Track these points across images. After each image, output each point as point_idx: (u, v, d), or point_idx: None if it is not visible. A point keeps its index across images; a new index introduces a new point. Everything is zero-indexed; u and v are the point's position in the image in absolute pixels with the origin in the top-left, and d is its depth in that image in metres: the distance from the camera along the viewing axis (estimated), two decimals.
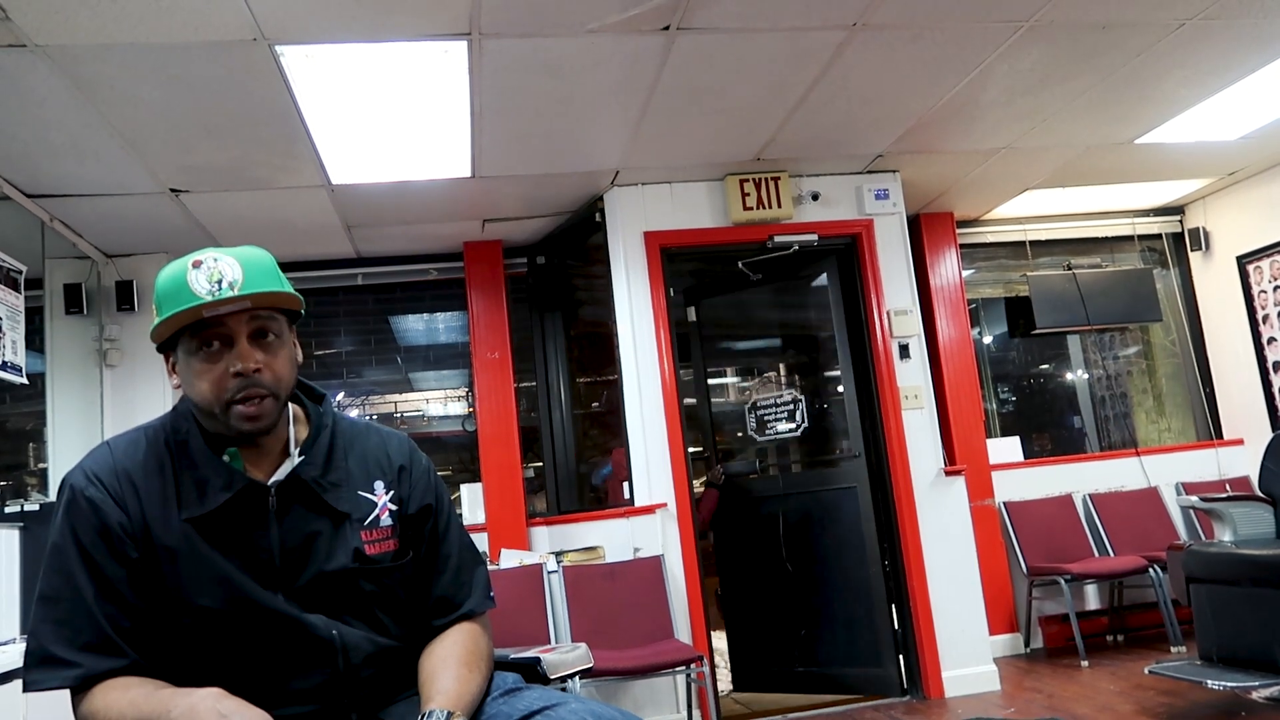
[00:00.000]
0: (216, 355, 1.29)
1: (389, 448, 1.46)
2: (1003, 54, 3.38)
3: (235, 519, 1.30)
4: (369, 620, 1.36)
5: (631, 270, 4.34)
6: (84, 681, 1.23)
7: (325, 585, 1.32)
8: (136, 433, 1.38)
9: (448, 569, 1.45)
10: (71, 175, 3.59)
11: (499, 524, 4.46)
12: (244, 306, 1.28)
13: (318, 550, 1.33)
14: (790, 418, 4.62)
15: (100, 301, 4.43)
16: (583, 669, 1.68)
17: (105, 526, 1.27)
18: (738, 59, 3.24)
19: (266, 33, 2.73)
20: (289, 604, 1.30)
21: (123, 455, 1.33)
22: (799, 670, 4.44)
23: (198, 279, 1.27)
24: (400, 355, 5.37)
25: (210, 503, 1.29)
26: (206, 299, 1.26)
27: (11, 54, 2.70)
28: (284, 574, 1.30)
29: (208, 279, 1.27)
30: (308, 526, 1.33)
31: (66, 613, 1.24)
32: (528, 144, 3.75)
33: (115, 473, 1.31)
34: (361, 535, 1.36)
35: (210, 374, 1.29)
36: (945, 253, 5.21)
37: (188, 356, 1.30)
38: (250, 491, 1.31)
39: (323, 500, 1.35)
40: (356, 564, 1.34)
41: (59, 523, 1.29)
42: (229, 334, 1.29)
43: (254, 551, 1.30)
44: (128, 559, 1.27)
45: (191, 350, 1.30)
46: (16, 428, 5.16)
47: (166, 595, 1.27)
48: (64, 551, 1.27)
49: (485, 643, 1.43)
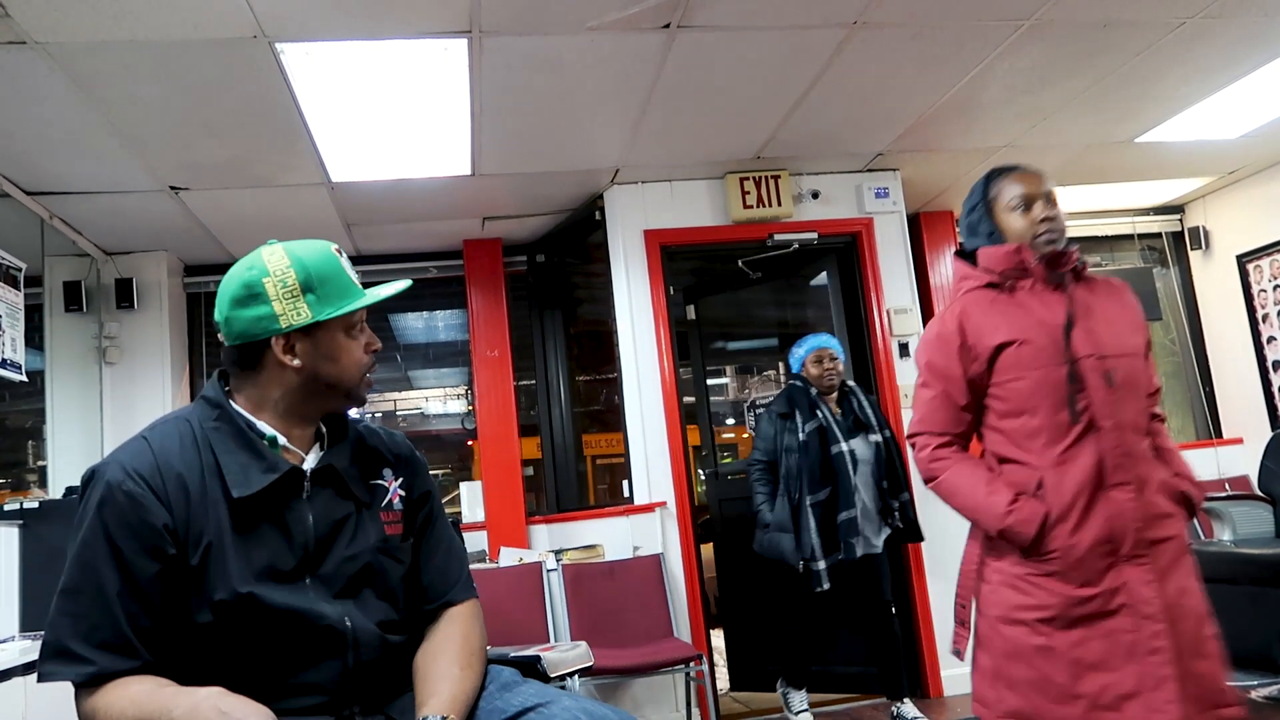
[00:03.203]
0: (358, 334, 1.43)
1: (391, 442, 1.54)
2: (1003, 52, 3.38)
3: (273, 503, 1.34)
4: (390, 600, 1.41)
5: (631, 268, 4.34)
6: (95, 679, 1.23)
7: (350, 567, 1.37)
8: (168, 425, 1.38)
9: (439, 551, 1.51)
10: (71, 172, 3.58)
11: (498, 522, 4.47)
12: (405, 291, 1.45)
13: (344, 534, 1.38)
14: None
15: (100, 299, 4.43)
16: (582, 667, 1.69)
17: (145, 523, 1.26)
18: (738, 57, 3.24)
19: (267, 30, 2.73)
20: (315, 587, 1.33)
21: (162, 449, 1.33)
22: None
23: (349, 266, 1.43)
24: (400, 353, 5.37)
25: (255, 484, 1.32)
26: (359, 285, 1.42)
27: (11, 51, 2.70)
28: (314, 558, 1.34)
29: (350, 268, 1.43)
30: (337, 512, 1.39)
31: (87, 608, 1.24)
32: (528, 142, 3.75)
33: (158, 467, 1.30)
34: (381, 518, 1.44)
35: (356, 352, 1.42)
36: (945, 251, 5.21)
37: (341, 336, 1.40)
38: (289, 476, 1.35)
39: (349, 488, 1.41)
40: (380, 544, 1.41)
41: (90, 517, 1.27)
42: (362, 317, 1.44)
43: (289, 535, 1.33)
44: (163, 555, 1.27)
45: (347, 331, 1.41)
46: (16, 425, 5.16)
47: (192, 589, 1.28)
48: (92, 546, 1.26)
49: (477, 636, 1.46)
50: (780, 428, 3.74)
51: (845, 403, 3.79)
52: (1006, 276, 1.96)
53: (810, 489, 3.57)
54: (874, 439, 3.70)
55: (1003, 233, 1.98)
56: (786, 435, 3.71)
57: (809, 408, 3.71)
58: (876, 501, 3.67)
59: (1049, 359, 1.87)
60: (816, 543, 3.53)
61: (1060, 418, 1.86)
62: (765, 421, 3.84)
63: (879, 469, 3.67)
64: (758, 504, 3.75)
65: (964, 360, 1.95)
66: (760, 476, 3.76)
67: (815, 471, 3.58)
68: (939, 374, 1.99)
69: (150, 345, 4.46)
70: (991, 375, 1.94)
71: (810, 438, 3.64)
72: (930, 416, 2.03)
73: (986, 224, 2.00)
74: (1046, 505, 1.84)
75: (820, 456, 3.61)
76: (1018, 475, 1.90)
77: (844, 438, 3.65)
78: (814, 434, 3.66)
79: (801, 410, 3.71)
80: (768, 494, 3.73)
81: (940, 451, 2.01)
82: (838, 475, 3.58)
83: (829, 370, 3.77)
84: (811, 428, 3.66)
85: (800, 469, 3.61)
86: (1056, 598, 1.83)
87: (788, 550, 3.59)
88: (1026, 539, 1.85)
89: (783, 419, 3.75)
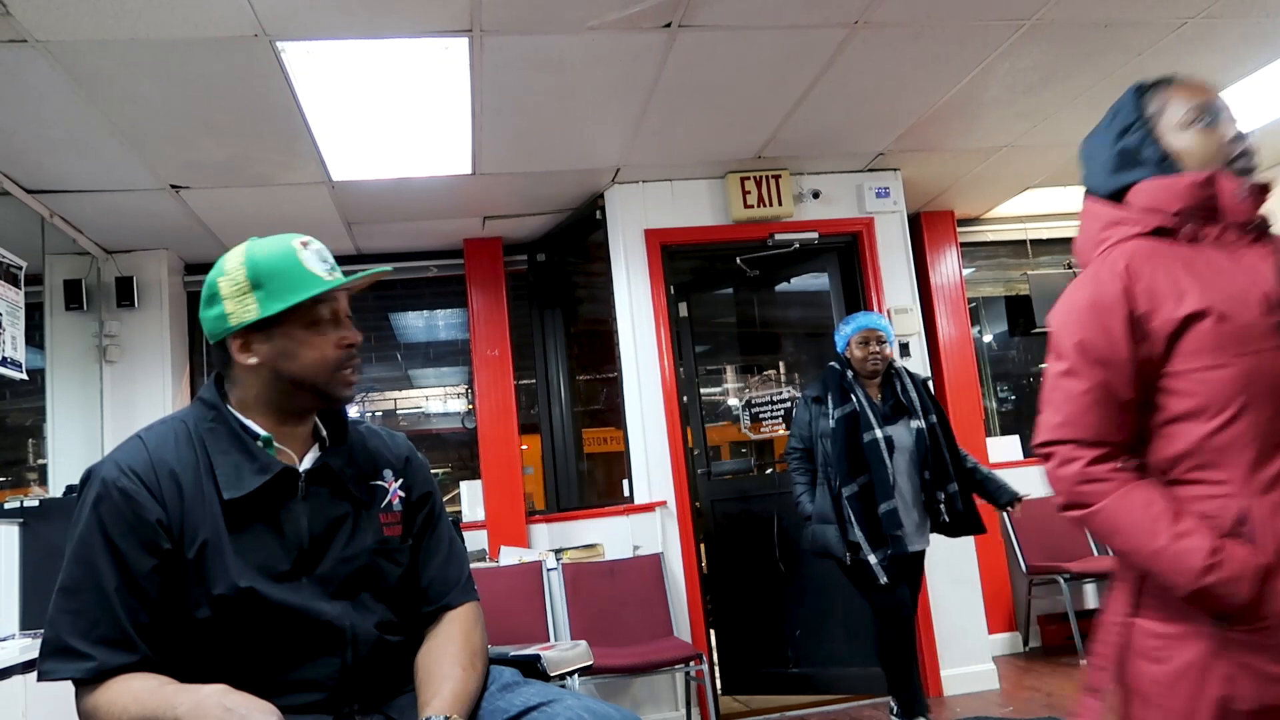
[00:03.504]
0: (328, 327, 1.37)
1: (392, 443, 1.53)
2: (1004, 52, 3.38)
3: (268, 504, 1.33)
4: (387, 601, 1.40)
5: (632, 268, 4.34)
6: (96, 675, 1.24)
7: (347, 569, 1.36)
8: (164, 425, 1.39)
9: (440, 553, 1.50)
10: (72, 171, 3.58)
11: (498, 521, 4.47)
12: (370, 283, 1.40)
13: (341, 535, 1.37)
14: (789, 416, 4.61)
15: (100, 297, 4.43)
16: (583, 666, 1.68)
17: (140, 519, 1.27)
18: (739, 56, 3.23)
19: (268, 29, 2.73)
20: (311, 587, 1.32)
21: (156, 447, 1.34)
22: (793, 672, 4.37)
23: (311, 259, 1.36)
24: (400, 352, 5.37)
25: (247, 485, 1.31)
26: (324, 277, 1.35)
27: (12, 49, 2.70)
28: (309, 557, 1.34)
29: (319, 258, 1.37)
30: (333, 512, 1.38)
31: (85, 605, 1.25)
32: (528, 141, 3.75)
33: (152, 464, 1.32)
34: (380, 519, 1.42)
35: (321, 345, 1.36)
36: (946, 251, 5.21)
37: (299, 330, 1.35)
38: (282, 477, 1.35)
39: (346, 488, 1.40)
40: (377, 545, 1.40)
41: (86, 515, 1.29)
42: (336, 310, 1.39)
43: (284, 535, 1.33)
44: (159, 550, 1.28)
45: (305, 324, 1.35)
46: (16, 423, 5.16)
47: (189, 586, 1.28)
48: (89, 543, 1.27)
49: (479, 637, 1.45)
50: (814, 413, 3.47)
51: (887, 386, 3.47)
52: (1187, 218, 1.39)
53: (842, 479, 3.29)
54: (916, 424, 3.37)
55: (1177, 158, 1.42)
56: (820, 420, 3.43)
57: (841, 391, 3.42)
58: (918, 493, 3.35)
59: (1262, 338, 1.32)
60: (861, 536, 3.24)
61: (1276, 424, 1.32)
62: (800, 407, 3.60)
63: (921, 456, 3.35)
64: (797, 495, 3.50)
65: (1133, 337, 1.35)
66: (797, 465, 3.51)
67: (844, 460, 3.30)
68: (1094, 357, 1.37)
69: (151, 344, 4.46)
70: (1170, 359, 1.35)
71: (839, 424, 3.36)
72: (1079, 418, 1.40)
73: (1152, 147, 1.44)
74: (1260, 551, 1.27)
75: (852, 443, 3.31)
76: (1204, 504, 1.33)
77: (879, 424, 3.33)
78: (844, 420, 3.36)
79: (834, 394, 3.43)
80: (806, 483, 3.47)
81: (1096, 469, 1.39)
82: (871, 464, 3.29)
83: (874, 354, 3.43)
84: (842, 413, 3.37)
85: (833, 457, 3.35)
86: (1257, 683, 1.27)
87: (833, 542, 3.30)
88: (1237, 604, 1.26)
89: (816, 403, 3.48)
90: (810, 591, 4.35)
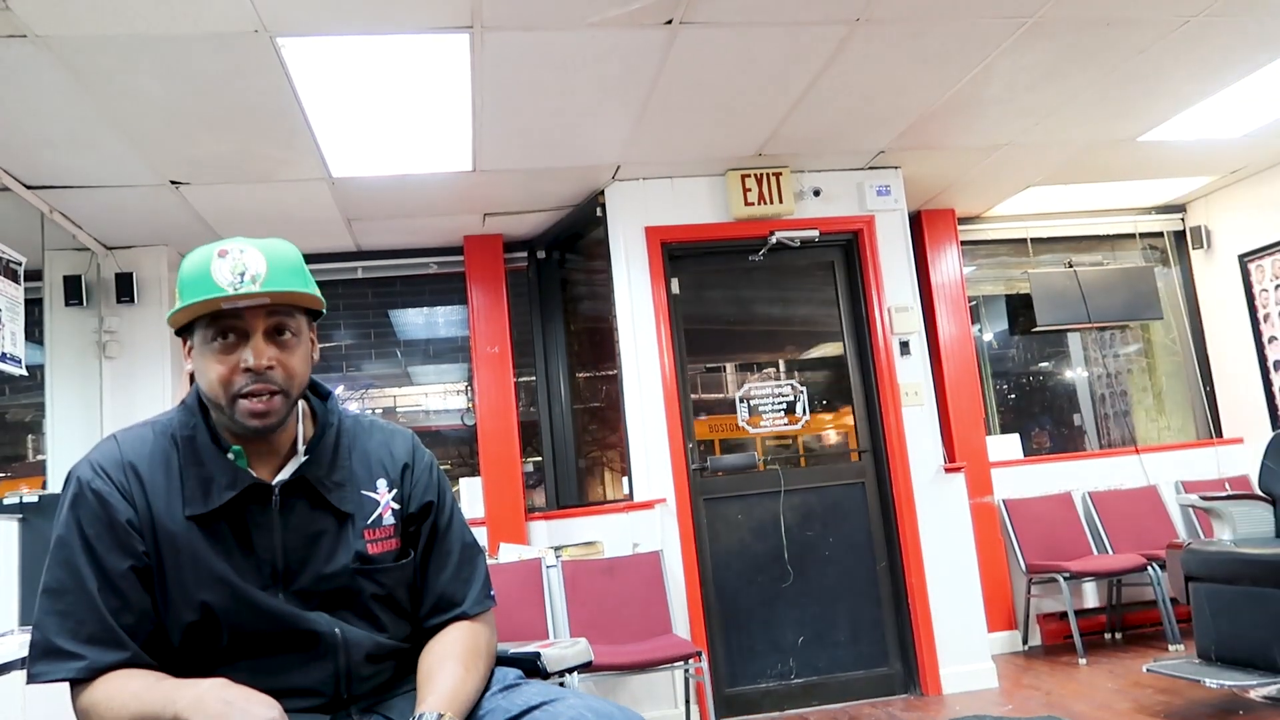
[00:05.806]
0: (231, 347, 1.28)
1: (392, 445, 1.46)
2: (1005, 50, 3.37)
3: (239, 518, 1.30)
4: (369, 620, 1.36)
5: (632, 265, 4.34)
6: (88, 674, 1.23)
7: (326, 585, 1.33)
8: (144, 427, 1.37)
9: (448, 566, 1.43)
10: (71, 167, 3.58)
11: (498, 518, 4.47)
12: (262, 303, 1.27)
13: (319, 550, 1.33)
14: (790, 410, 4.60)
15: (100, 293, 4.43)
16: (582, 664, 1.68)
17: (112, 520, 1.27)
18: (740, 54, 3.23)
19: (267, 24, 2.72)
20: (289, 603, 1.30)
21: (129, 449, 1.33)
22: (794, 681, 4.24)
23: (221, 269, 1.26)
24: (400, 349, 5.36)
25: (214, 501, 1.29)
26: (227, 290, 1.25)
27: (12, 45, 2.70)
28: (285, 574, 1.31)
29: (231, 270, 1.26)
30: (311, 526, 1.33)
31: (71, 605, 1.24)
32: (529, 138, 3.75)
33: (122, 466, 1.31)
34: (364, 535, 1.36)
35: (222, 366, 1.28)
36: (946, 249, 5.21)
37: (203, 345, 1.29)
38: (254, 491, 1.31)
39: (326, 500, 1.35)
40: (357, 564, 1.34)
41: (64, 515, 1.29)
42: (246, 328, 1.28)
43: (256, 551, 1.30)
44: (134, 552, 1.27)
45: (207, 340, 1.28)
46: (16, 419, 5.16)
47: (170, 590, 1.27)
48: (68, 544, 1.27)
49: (485, 640, 1.42)
50: None
51: None
52: None
53: None
54: None
55: None
56: None
57: None
58: None
59: None
60: None
61: None
62: None
63: None
64: None
65: None
66: None
67: None
68: None
69: (150, 340, 4.46)
70: None
71: None
72: None
73: None
74: None
75: None
76: None
77: None
78: None
79: None
80: None
81: None
82: None
83: None
84: None
85: None
86: None
87: None
88: None
89: None
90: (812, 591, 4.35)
